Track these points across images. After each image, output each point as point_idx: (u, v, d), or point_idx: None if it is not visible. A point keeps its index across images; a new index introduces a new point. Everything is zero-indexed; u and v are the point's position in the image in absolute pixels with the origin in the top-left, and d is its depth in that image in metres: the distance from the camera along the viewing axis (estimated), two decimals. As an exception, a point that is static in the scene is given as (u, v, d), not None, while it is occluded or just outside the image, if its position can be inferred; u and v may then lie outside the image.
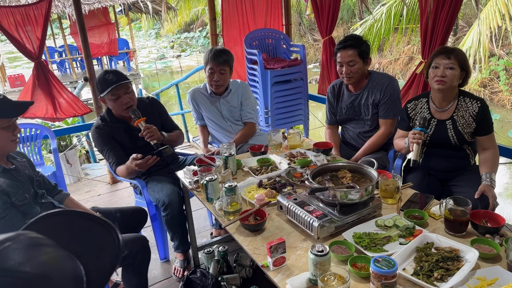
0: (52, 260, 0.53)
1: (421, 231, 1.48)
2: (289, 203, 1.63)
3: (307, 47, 14.45)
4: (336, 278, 1.17)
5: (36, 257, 0.51)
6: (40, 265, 0.51)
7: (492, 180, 1.99)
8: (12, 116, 1.66)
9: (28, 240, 0.53)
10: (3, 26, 2.99)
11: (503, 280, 1.21)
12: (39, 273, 0.50)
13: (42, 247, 0.54)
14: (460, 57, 1.98)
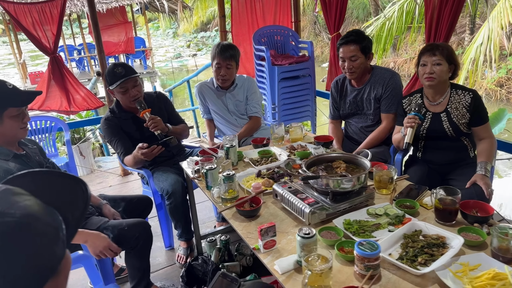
0: (35, 206, 0.61)
1: (410, 219, 1.52)
2: (283, 191, 1.68)
3: (322, 45, 14.42)
4: (320, 259, 1.22)
5: (20, 203, 0.59)
6: (25, 208, 0.58)
7: (487, 170, 2.01)
8: (21, 105, 1.76)
9: (11, 190, 0.61)
10: (21, 23, 3.14)
11: (486, 266, 1.24)
12: (25, 215, 0.58)
13: (24, 195, 0.62)
14: (446, 52, 2.02)
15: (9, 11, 3.12)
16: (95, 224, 1.90)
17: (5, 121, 1.71)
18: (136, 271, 2.01)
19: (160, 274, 2.44)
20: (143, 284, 2.06)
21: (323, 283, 1.19)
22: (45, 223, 0.61)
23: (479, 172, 1.99)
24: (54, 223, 0.63)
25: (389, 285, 1.22)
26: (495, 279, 1.17)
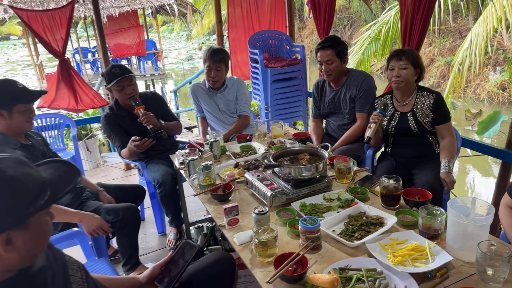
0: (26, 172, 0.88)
1: (357, 203, 1.73)
2: (252, 178, 1.92)
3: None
4: (268, 231, 1.44)
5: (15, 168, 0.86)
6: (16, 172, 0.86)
7: (450, 167, 2.21)
8: (28, 102, 2.04)
9: (18, 160, 0.88)
10: (33, 28, 3.45)
11: (412, 241, 1.44)
12: (11, 175, 0.84)
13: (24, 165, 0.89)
14: (412, 57, 2.22)
15: (22, 17, 3.44)
16: (91, 206, 2.17)
17: (14, 115, 1.99)
18: (126, 249, 2.27)
19: (152, 256, 2.70)
20: (132, 262, 2.32)
21: (268, 251, 1.42)
22: (26, 187, 0.87)
23: (443, 170, 2.19)
24: (36, 189, 0.89)
25: (327, 254, 1.44)
26: (415, 250, 1.38)
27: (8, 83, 1.96)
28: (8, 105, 1.94)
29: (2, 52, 31.13)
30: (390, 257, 1.36)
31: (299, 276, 1.28)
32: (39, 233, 0.92)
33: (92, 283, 1.18)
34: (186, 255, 1.41)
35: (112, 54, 11.09)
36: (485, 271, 1.22)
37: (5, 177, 0.84)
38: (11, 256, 0.86)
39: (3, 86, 1.95)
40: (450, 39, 9.83)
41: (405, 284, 1.23)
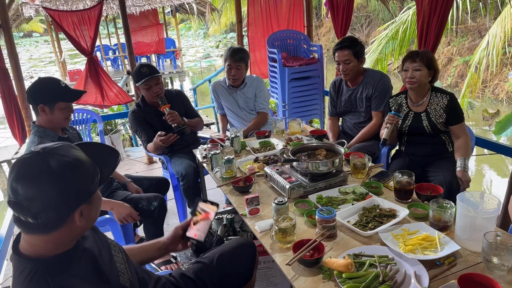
0: (83, 157, 1.03)
1: (371, 196, 1.83)
2: (271, 172, 2.04)
3: (347, 47, 14.51)
4: (287, 219, 1.56)
5: (74, 152, 1.02)
6: (76, 156, 1.01)
7: (466, 166, 2.28)
8: (69, 101, 2.21)
9: (70, 145, 1.03)
10: (63, 27, 3.65)
11: (422, 232, 1.54)
12: (75, 159, 1.00)
13: (78, 150, 1.04)
14: (426, 59, 2.29)
15: (53, 17, 3.63)
16: (120, 196, 2.33)
17: (55, 112, 2.16)
18: (153, 236, 2.42)
19: (174, 245, 2.84)
20: (158, 249, 2.47)
21: (287, 238, 1.54)
22: (87, 168, 1.03)
23: (459, 168, 2.26)
24: (92, 170, 1.04)
25: (342, 242, 1.55)
26: (425, 240, 1.48)
27: (53, 82, 2.14)
28: (50, 102, 2.11)
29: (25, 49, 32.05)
30: (401, 246, 1.46)
31: (316, 260, 1.40)
32: (98, 206, 1.11)
33: (131, 264, 1.32)
34: (204, 210, 1.50)
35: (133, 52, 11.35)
36: (490, 260, 1.31)
37: (72, 161, 1.00)
38: (81, 225, 1.04)
39: (48, 84, 2.13)
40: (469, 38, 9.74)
41: (414, 270, 1.33)
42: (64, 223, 1.00)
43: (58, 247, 1.03)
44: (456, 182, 2.25)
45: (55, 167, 0.96)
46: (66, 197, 0.98)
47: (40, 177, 0.95)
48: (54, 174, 0.96)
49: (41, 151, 0.99)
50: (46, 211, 0.96)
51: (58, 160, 0.98)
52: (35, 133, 2.18)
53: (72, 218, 1.01)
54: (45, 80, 2.20)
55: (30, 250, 1.02)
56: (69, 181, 0.98)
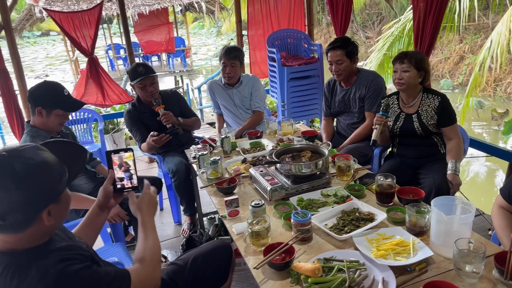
0: (50, 158, 1.05)
1: (351, 199, 1.82)
2: (255, 173, 2.04)
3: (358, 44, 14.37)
4: (261, 222, 1.56)
5: (41, 154, 1.04)
6: (43, 158, 1.03)
7: (457, 169, 2.24)
8: (68, 111, 2.25)
9: (38, 146, 1.06)
10: (64, 28, 3.71)
11: (399, 236, 1.52)
12: (41, 161, 1.02)
13: (45, 151, 1.06)
14: (414, 60, 2.25)
15: (55, 18, 3.70)
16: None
17: (51, 116, 2.20)
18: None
19: (167, 243, 2.88)
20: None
21: (261, 241, 1.53)
22: (53, 169, 1.05)
23: (449, 171, 2.22)
24: (59, 170, 1.06)
25: (316, 246, 1.54)
26: (398, 245, 1.46)
27: (56, 88, 2.20)
28: (49, 107, 2.16)
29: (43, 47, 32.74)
30: (374, 251, 1.44)
31: (285, 264, 1.39)
32: (67, 204, 1.14)
33: None
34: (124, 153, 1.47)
35: (143, 50, 11.47)
36: (460, 267, 1.28)
37: (37, 163, 1.02)
38: (51, 223, 1.07)
39: (51, 89, 2.19)
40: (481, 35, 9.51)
41: (383, 276, 1.32)
42: (32, 222, 1.03)
43: (32, 241, 1.07)
44: (446, 185, 2.21)
45: (19, 170, 0.99)
46: (32, 199, 1.01)
47: (4, 180, 0.97)
48: (19, 177, 0.98)
49: (6, 154, 1.01)
50: (13, 212, 0.99)
51: (23, 163, 1.00)
52: (28, 133, 2.23)
53: (40, 217, 1.04)
54: (50, 85, 2.24)
55: (4, 246, 1.05)
56: (35, 183, 1.01)
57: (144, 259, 1.26)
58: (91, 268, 1.09)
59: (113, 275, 1.12)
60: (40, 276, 1.00)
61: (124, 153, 1.49)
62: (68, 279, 1.03)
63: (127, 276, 1.15)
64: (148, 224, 1.38)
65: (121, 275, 1.15)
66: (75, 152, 1.18)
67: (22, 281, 1.00)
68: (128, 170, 1.49)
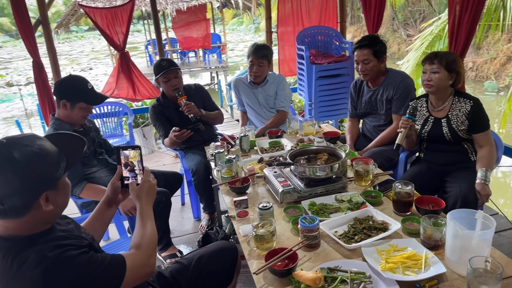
0: (48, 146, 1.08)
1: (366, 206, 1.73)
2: (268, 174, 1.99)
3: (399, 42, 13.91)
4: (266, 226, 1.52)
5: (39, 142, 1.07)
6: (40, 145, 1.06)
7: (487, 178, 2.08)
8: (91, 104, 2.31)
9: (37, 135, 1.09)
10: (97, 23, 3.83)
11: (412, 249, 1.43)
12: (39, 148, 1.05)
13: (44, 140, 1.09)
14: (445, 61, 2.11)
15: (89, 14, 3.82)
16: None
17: (75, 109, 2.27)
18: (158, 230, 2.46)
19: (185, 238, 2.90)
20: (164, 242, 2.53)
21: (265, 245, 1.49)
22: (51, 156, 1.07)
23: (478, 181, 2.08)
24: (57, 157, 1.08)
25: (323, 253, 1.48)
26: (409, 258, 1.37)
27: (80, 81, 2.27)
28: (73, 100, 2.23)
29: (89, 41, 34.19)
30: (382, 263, 1.36)
31: (287, 270, 1.34)
32: (66, 191, 1.17)
33: None
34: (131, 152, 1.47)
35: (181, 46, 11.68)
36: None
37: (35, 150, 1.05)
38: (49, 210, 1.09)
39: (76, 83, 2.27)
40: (534, 35, 8.87)
41: (388, 291, 1.24)
42: (30, 208, 1.06)
43: (33, 228, 1.10)
44: (473, 195, 2.07)
45: (17, 156, 1.02)
46: (29, 184, 1.04)
47: (2, 166, 1.01)
48: (16, 163, 1.02)
49: (5, 141, 1.05)
50: (11, 197, 1.02)
51: (21, 149, 1.03)
52: (52, 125, 2.31)
53: (38, 203, 1.07)
54: (75, 79, 2.32)
55: (5, 232, 1.09)
56: (31, 169, 1.04)
57: (140, 246, 1.27)
58: (88, 254, 1.11)
59: (109, 259, 1.14)
60: (38, 261, 1.03)
61: (132, 150, 1.50)
62: (65, 264, 1.05)
63: (122, 261, 1.17)
64: (146, 212, 1.40)
65: (117, 260, 1.16)
66: (72, 141, 1.20)
67: (21, 266, 1.02)
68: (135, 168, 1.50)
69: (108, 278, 1.11)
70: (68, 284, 1.04)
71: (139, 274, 1.20)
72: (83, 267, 1.07)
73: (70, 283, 1.04)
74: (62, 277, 1.03)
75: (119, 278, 1.13)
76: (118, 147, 1.49)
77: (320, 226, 1.54)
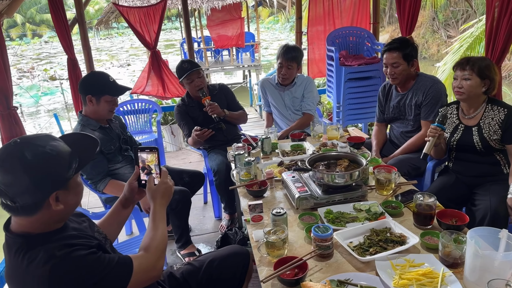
0: (60, 146, 1.11)
1: (385, 217, 1.67)
2: (287, 178, 1.96)
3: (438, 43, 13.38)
4: (278, 233, 1.50)
5: (52, 142, 1.10)
6: (53, 146, 1.09)
7: None
8: (115, 95, 2.37)
9: (51, 136, 1.12)
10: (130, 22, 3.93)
11: (429, 265, 1.37)
12: (51, 149, 1.09)
13: (58, 140, 1.13)
14: (478, 67, 1.99)
15: (123, 13, 3.92)
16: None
17: (101, 103, 2.34)
18: (176, 228, 2.51)
19: (205, 237, 2.92)
20: (183, 240, 2.56)
21: (276, 252, 1.47)
22: (63, 156, 1.10)
23: (510, 195, 1.96)
24: (69, 158, 1.11)
25: (335, 264, 1.44)
26: (425, 276, 1.31)
27: (102, 76, 2.34)
28: (98, 94, 2.30)
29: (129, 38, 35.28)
30: (396, 279, 1.31)
31: (295, 280, 1.32)
32: (76, 191, 1.19)
33: None
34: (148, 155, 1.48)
35: (215, 45, 11.80)
36: (494, 313, 1.11)
37: (47, 151, 1.08)
38: (59, 209, 1.12)
39: (98, 78, 2.34)
40: None
41: (399, 309, 1.19)
42: (41, 206, 1.09)
43: (45, 227, 1.13)
44: (504, 211, 1.95)
45: (29, 156, 1.05)
46: (40, 183, 1.07)
47: (14, 165, 1.05)
48: (28, 162, 1.05)
49: (18, 141, 1.09)
50: (22, 195, 1.06)
51: (33, 149, 1.07)
52: (80, 122, 2.39)
53: (48, 202, 1.09)
54: (96, 74, 2.40)
55: (19, 228, 1.13)
56: (42, 169, 1.07)
57: (149, 248, 1.28)
58: (96, 254, 1.13)
59: (116, 261, 1.16)
60: (46, 259, 1.06)
61: (150, 152, 1.51)
62: (72, 263, 1.07)
63: (129, 263, 1.18)
64: (159, 214, 1.39)
65: (124, 261, 1.18)
66: (86, 142, 1.23)
67: (31, 262, 1.06)
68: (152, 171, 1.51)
69: (114, 279, 1.13)
70: (74, 284, 1.06)
71: (146, 276, 1.21)
72: (90, 267, 1.09)
73: (76, 282, 1.06)
74: (68, 276, 1.05)
75: (125, 280, 1.14)
76: (136, 147, 1.51)
77: (334, 235, 1.51)
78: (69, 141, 1.17)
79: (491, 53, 2.52)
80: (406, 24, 3.54)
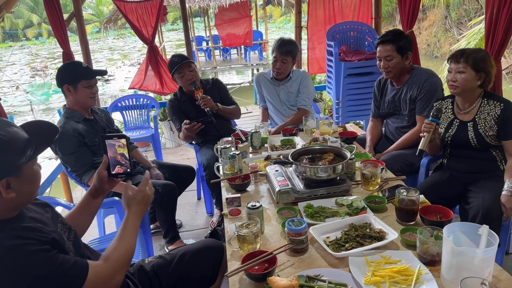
0: (17, 133, 1.07)
1: (365, 212, 1.60)
2: (270, 172, 1.90)
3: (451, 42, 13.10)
4: (250, 226, 1.44)
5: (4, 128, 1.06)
6: (8, 132, 1.05)
7: None
8: (90, 78, 2.32)
9: (7, 121, 1.09)
10: (128, 17, 3.91)
11: (406, 262, 1.29)
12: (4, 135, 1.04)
13: (15, 127, 1.09)
14: (472, 60, 1.90)
15: (120, 8, 3.91)
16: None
17: (79, 90, 2.31)
18: (163, 222, 2.47)
19: (195, 233, 2.88)
20: (171, 235, 2.52)
21: (247, 246, 1.42)
22: (14, 142, 1.06)
23: (504, 192, 1.87)
24: (23, 144, 1.07)
25: (308, 260, 1.38)
26: (400, 273, 1.24)
27: (75, 64, 2.33)
28: (74, 81, 2.28)
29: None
30: (368, 276, 1.24)
31: (262, 275, 1.26)
32: (31, 179, 1.14)
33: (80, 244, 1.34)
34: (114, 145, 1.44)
35: (222, 43, 11.78)
36: (467, 313, 1.04)
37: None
38: (10, 197, 1.08)
39: (71, 66, 2.32)
40: None
41: (368, 307, 1.12)
42: None
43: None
44: (497, 208, 1.85)
45: None
46: None
47: None
48: None
49: None
50: None
51: None
52: (63, 115, 2.37)
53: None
54: (69, 63, 2.41)
55: None
56: None
57: (109, 259, 1.21)
58: (49, 253, 1.07)
59: (70, 264, 1.10)
60: None
61: (118, 139, 1.47)
62: (20, 257, 1.03)
63: (85, 269, 1.12)
64: (130, 223, 1.32)
65: (78, 267, 1.12)
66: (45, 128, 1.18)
67: None
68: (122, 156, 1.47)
69: (63, 283, 1.07)
70: (18, 277, 1.01)
71: (101, 287, 1.15)
72: (39, 265, 1.04)
73: (21, 276, 1.01)
74: (13, 269, 1.01)
75: (76, 285, 1.08)
76: (103, 135, 1.47)
77: (310, 230, 1.45)
78: (29, 128, 1.13)
79: (491, 45, 2.42)
80: (407, 18, 3.45)
